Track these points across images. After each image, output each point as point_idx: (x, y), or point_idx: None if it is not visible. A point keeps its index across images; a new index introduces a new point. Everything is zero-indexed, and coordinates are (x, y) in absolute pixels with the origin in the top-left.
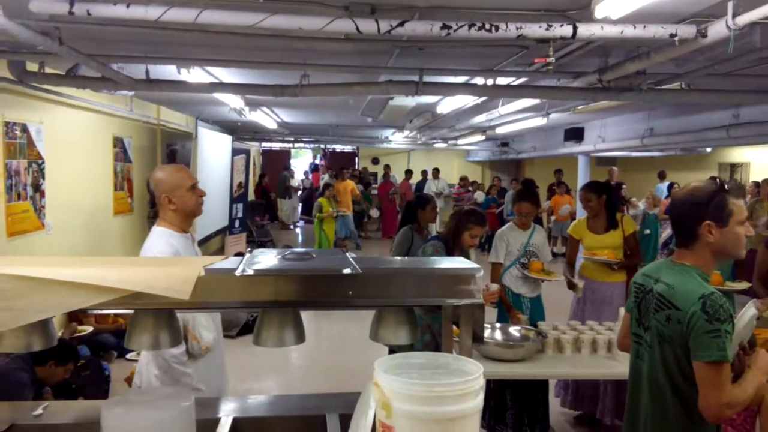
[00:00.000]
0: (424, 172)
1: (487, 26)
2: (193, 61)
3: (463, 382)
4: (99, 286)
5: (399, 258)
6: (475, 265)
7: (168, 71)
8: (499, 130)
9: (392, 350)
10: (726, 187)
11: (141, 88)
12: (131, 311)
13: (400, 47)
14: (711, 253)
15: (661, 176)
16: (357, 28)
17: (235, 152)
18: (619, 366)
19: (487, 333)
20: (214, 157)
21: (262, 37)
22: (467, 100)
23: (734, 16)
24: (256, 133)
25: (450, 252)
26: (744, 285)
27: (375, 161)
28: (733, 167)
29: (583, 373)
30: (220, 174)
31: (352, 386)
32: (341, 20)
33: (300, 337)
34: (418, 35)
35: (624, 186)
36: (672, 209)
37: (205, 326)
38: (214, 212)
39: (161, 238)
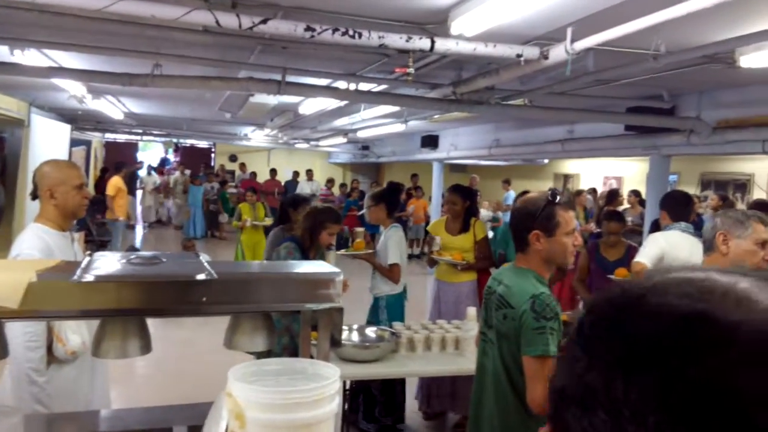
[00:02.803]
0: (296, 173)
1: (351, 32)
2: (29, 42)
3: (319, 387)
4: None
5: (256, 262)
6: (335, 269)
7: None
8: (361, 134)
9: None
10: (557, 199)
11: None
12: None
13: (263, 44)
14: (541, 259)
15: (507, 183)
16: (217, 22)
17: (74, 143)
18: (466, 362)
19: (344, 335)
20: (50, 148)
21: (110, 21)
22: (330, 102)
23: (572, 41)
24: (99, 123)
25: (306, 252)
26: None
27: (233, 158)
28: (567, 177)
29: (433, 371)
30: None
31: (203, 396)
32: (200, 11)
33: (146, 347)
34: (281, 34)
35: (479, 193)
36: (510, 218)
37: (72, 329)
38: None
39: (34, 234)
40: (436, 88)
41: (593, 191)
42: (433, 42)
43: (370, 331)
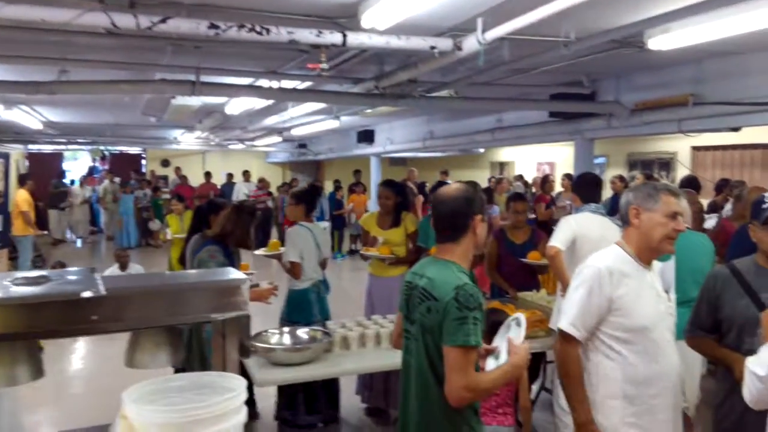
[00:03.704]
0: (230, 175)
1: (258, 28)
2: None
3: (222, 401)
4: None
5: (156, 274)
6: (241, 276)
7: None
8: (295, 132)
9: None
10: (478, 186)
11: None
12: None
13: (173, 44)
14: (474, 245)
15: (445, 173)
16: (113, 23)
17: None
18: (401, 357)
19: (275, 338)
20: None
21: (8, 28)
22: (256, 102)
23: (484, 31)
24: (18, 134)
25: (231, 254)
26: None
27: (165, 164)
28: (502, 165)
29: (368, 367)
30: None
31: None
32: (94, 13)
33: (37, 372)
34: (184, 33)
35: (426, 183)
36: (442, 206)
37: None
38: None
39: None
40: (360, 83)
41: (520, 178)
42: (344, 36)
43: (302, 333)
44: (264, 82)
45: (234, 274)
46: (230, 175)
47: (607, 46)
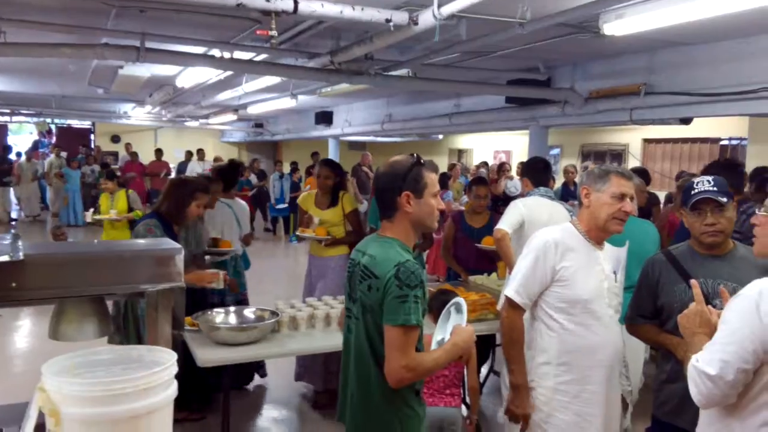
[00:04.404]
0: (189, 153)
1: None
2: None
3: (148, 375)
4: None
5: (87, 242)
6: (175, 245)
7: None
8: (251, 110)
9: None
10: (422, 161)
11: None
12: None
13: (117, 7)
14: (410, 223)
15: None
16: None
17: None
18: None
19: (220, 318)
20: None
21: None
22: (209, 74)
23: (440, 6)
24: None
25: (172, 229)
26: None
27: (115, 139)
28: (461, 152)
29: (316, 347)
30: None
31: None
32: None
33: None
34: None
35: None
36: (375, 182)
37: None
38: None
39: None
40: (315, 57)
41: (485, 164)
42: (296, 3)
43: (249, 312)
44: (216, 53)
45: (167, 244)
46: (189, 153)
47: (564, 31)
